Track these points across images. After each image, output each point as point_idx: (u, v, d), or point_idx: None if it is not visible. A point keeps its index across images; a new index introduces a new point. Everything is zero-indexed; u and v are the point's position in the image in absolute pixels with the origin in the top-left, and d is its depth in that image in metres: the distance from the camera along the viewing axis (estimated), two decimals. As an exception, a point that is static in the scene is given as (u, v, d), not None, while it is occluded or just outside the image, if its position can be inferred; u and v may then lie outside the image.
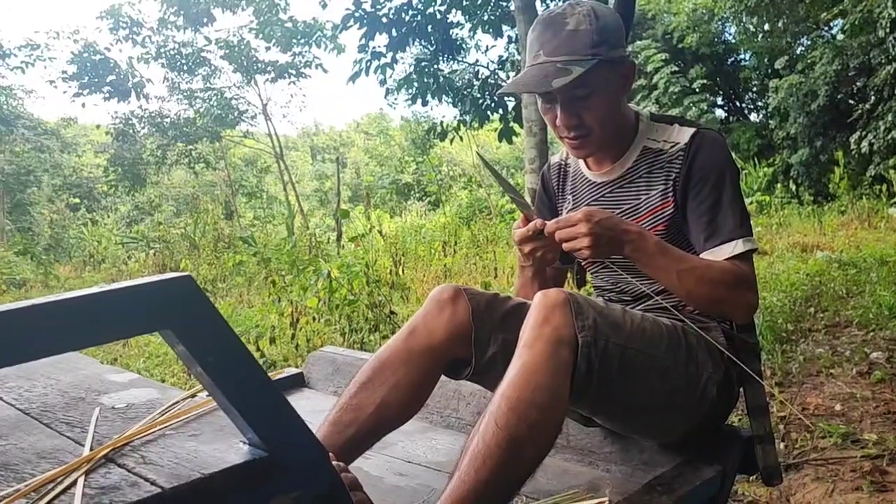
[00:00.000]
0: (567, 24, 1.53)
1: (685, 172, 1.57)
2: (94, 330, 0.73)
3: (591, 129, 1.59)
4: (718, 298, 1.51)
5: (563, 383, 1.32)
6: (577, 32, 1.52)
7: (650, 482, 1.44)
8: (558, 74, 1.50)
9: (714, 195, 1.55)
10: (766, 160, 12.46)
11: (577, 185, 1.80)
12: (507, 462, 1.26)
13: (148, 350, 5.56)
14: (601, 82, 1.54)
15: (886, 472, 2.63)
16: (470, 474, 1.25)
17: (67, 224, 18.02)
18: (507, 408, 1.27)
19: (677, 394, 1.49)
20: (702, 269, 1.50)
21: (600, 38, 1.53)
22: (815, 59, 11.62)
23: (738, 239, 1.53)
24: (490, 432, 1.26)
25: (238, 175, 20.82)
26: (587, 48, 1.52)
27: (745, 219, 1.56)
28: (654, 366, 1.45)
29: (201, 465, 0.87)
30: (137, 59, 15.60)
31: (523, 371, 1.30)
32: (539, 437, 1.30)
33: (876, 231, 8.36)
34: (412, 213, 15.39)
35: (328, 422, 1.51)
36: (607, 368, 1.37)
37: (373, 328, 4.90)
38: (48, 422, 1.06)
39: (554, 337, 1.32)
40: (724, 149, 1.59)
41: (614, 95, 1.60)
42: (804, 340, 4.30)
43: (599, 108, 1.57)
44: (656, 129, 1.66)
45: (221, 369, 0.81)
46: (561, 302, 1.35)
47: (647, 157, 1.64)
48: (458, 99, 8.15)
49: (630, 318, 1.46)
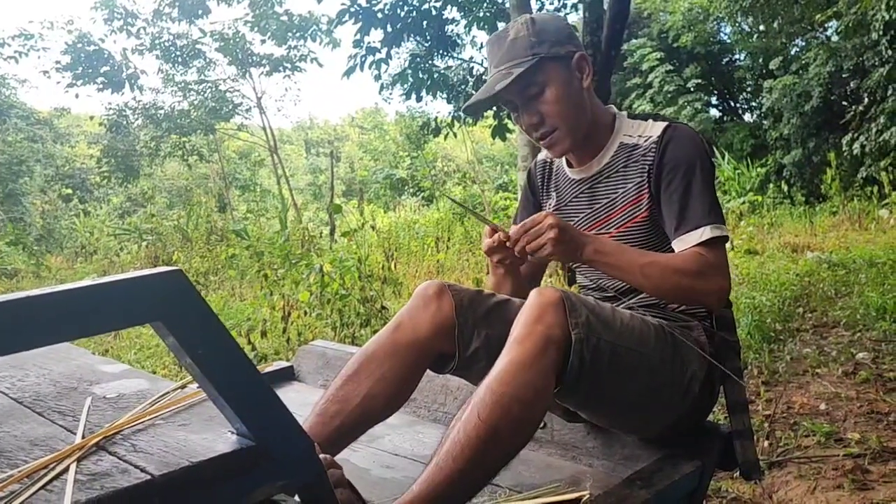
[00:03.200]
0: (508, 36, 1.65)
1: (657, 163, 1.62)
2: (88, 321, 0.75)
3: (555, 125, 1.66)
4: (686, 287, 1.53)
5: (548, 382, 1.35)
6: (515, 41, 1.64)
7: (630, 476, 1.47)
8: (502, 79, 1.61)
9: (683, 184, 1.59)
10: (760, 160, 12.51)
11: (560, 182, 1.84)
12: (485, 453, 1.29)
13: (139, 342, 5.58)
14: (550, 78, 1.63)
15: (868, 471, 2.67)
16: (448, 462, 1.28)
17: (59, 215, 17.95)
18: (492, 401, 1.30)
19: (663, 390, 1.52)
20: (664, 261, 1.53)
21: (538, 39, 1.63)
22: (809, 60, 11.66)
23: (707, 226, 1.55)
24: (472, 424, 1.29)
25: (232, 168, 20.77)
26: (526, 50, 1.63)
27: (715, 207, 1.59)
28: (643, 363, 1.48)
29: (190, 453, 0.89)
30: (132, 51, 15.51)
31: (511, 366, 1.33)
32: (518, 432, 1.33)
33: (866, 232, 8.41)
34: (406, 209, 15.38)
35: (315, 413, 1.54)
36: (598, 364, 1.39)
37: (364, 323, 4.91)
38: (41, 410, 1.08)
39: (545, 336, 1.34)
40: (695, 141, 1.63)
41: (568, 88, 1.66)
42: (792, 340, 4.34)
43: (556, 103, 1.64)
44: (632, 125, 1.72)
45: (210, 361, 0.83)
46: (555, 301, 1.37)
47: (623, 153, 1.69)
48: (452, 95, 8.15)
49: (620, 317, 1.49)
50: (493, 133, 7.98)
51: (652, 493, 1.40)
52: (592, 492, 1.47)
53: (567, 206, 1.80)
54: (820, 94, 11.26)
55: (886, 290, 4.96)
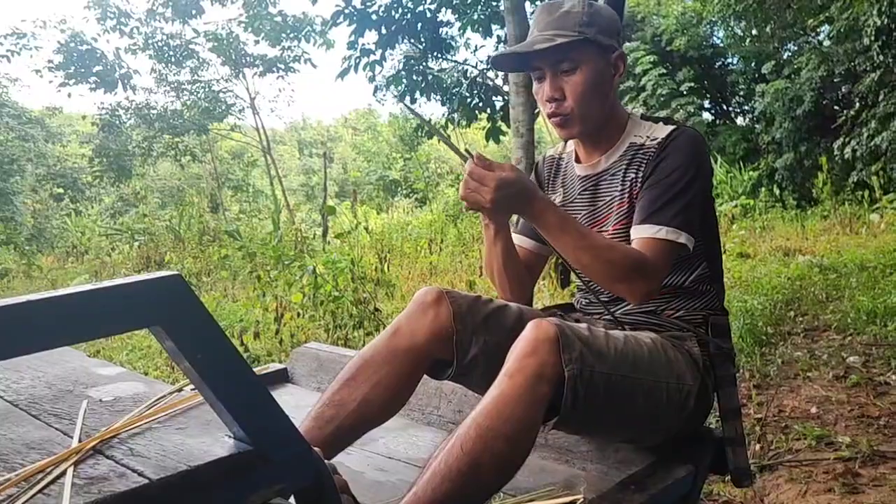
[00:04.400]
0: (562, 7, 1.63)
1: (652, 162, 1.62)
2: (88, 325, 0.75)
3: (573, 106, 1.64)
4: (613, 278, 1.52)
5: (536, 418, 1.34)
6: (568, 13, 1.62)
7: (624, 480, 1.47)
8: (542, 41, 1.60)
9: (664, 184, 1.58)
10: (752, 164, 12.55)
11: (567, 178, 1.83)
12: (465, 487, 1.27)
13: (131, 343, 5.56)
14: (587, 61, 1.62)
15: (858, 475, 2.68)
16: (426, 492, 1.26)
17: (51, 214, 17.90)
18: (476, 434, 1.29)
19: (660, 410, 1.52)
20: (601, 248, 1.51)
21: (590, 20, 1.61)
22: (801, 64, 11.70)
23: (665, 226, 1.54)
24: (454, 456, 1.28)
25: (224, 168, 20.71)
26: (575, 26, 1.61)
27: (686, 214, 1.56)
28: (638, 388, 1.47)
29: (188, 457, 0.89)
30: (125, 50, 15.50)
31: (498, 400, 1.31)
32: (501, 468, 1.32)
33: (857, 236, 8.44)
34: (399, 210, 15.38)
35: (310, 417, 1.54)
36: (593, 397, 1.38)
37: (357, 324, 4.91)
38: (37, 413, 1.08)
39: (537, 371, 1.33)
40: (696, 147, 1.61)
41: (599, 78, 1.65)
42: (783, 344, 4.36)
43: (582, 85, 1.63)
44: (643, 126, 1.71)
45: (209, 366, 0.83)
46: (551, 337, 1.36)
47: (630, 153, 1.69)
48: (446, 97, 8.16)
49: (614, 344, 1.47)
50: (487, 135, 8.00)
51: (645, 496, 1.41)
52: (586, 495, 1.47)
53: (572, 203, 1.79)
54: (812, 99, 11.31)
55: (877, 294, 4.99)
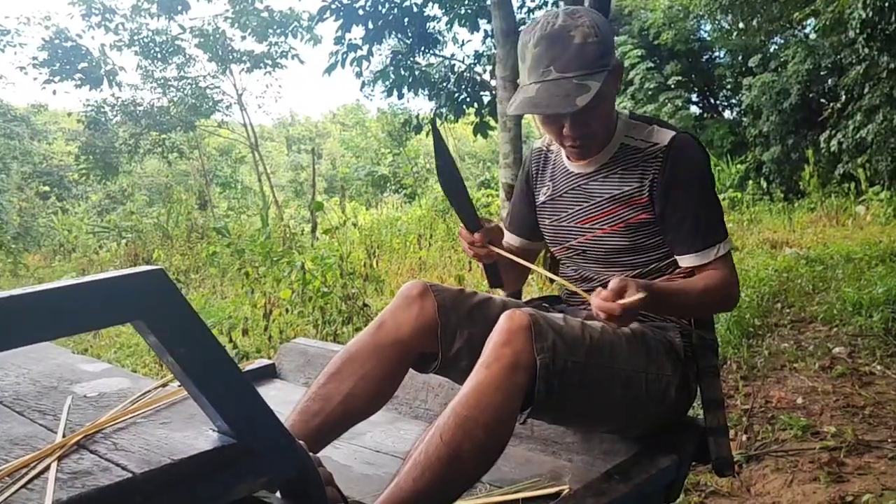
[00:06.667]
0: (574, 38, 1.52)
1: (666, 177, 1.61)
2: (69, 320, 0.75)
3: (595, 133, 1.65)
4: (716, 310, 1.73)
5: (513, 406, 1.36)
6: (585, 46, 1.52)
7: (609, 471, 1.49)
8: (579, 91, 1.50)
9: (696, 201, 1.62)
10: (739, 157, 12.59)
11: (557, 172, 1.83)
12: (446, 476, 1.29)
13: (119, 340, 5.54)
14: (605, 91, 1.57)
15: (843, 464, 2.71)
16: (408, 482, 1.28)
17: (37, 212, 17.73)
18: (455, 424, 1.31)
19: (639, 399, 1.54)
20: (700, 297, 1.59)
21: (605, 48, 1.55)
22: (787, 57, 11.74)
23: (721, 242, 1.62)
24: (433, 445, 1.30)
25: (212, 165, 20.59)
26: (597, 60, 1.53)
27: (723, 219, 1.65)
28: (616, 377, 1.49)
29: (171, 451, 0.90)
30: (110, 47, 15.35)
31: (476, 390, 1.34)
32: (481, 456, 1.34)
33: (843, 228, 8.50)
34: (388, 206, 15.35)
35: (296, 411, 1.54)
36: (567, 387, 1.40)
37: (346, 320, 4.92)
38: (21, 410, 1.07)
39: (512, 361, 1.35)
40: (702, 153, 1.66)
41: (613, 98, 1.67)
42: (770, 335, 4.39)
43: (604, 115, 1.64)
44: (634, 126, 1.71)
45: (192, 359, 0.83)
46: (524, 326, 1.38)
47: (624, 153, 1.68)
48: (433, 92, 8.15)
49: (589, 334, 1.49)
50: (475, 130, 7.99)
51: (630, 486, 1.42)
52: (572, 486, 1.49)
53: (561, 198, 1.79)
54: (798, 92, 11.36)
55: (863, 285, 5.03)
